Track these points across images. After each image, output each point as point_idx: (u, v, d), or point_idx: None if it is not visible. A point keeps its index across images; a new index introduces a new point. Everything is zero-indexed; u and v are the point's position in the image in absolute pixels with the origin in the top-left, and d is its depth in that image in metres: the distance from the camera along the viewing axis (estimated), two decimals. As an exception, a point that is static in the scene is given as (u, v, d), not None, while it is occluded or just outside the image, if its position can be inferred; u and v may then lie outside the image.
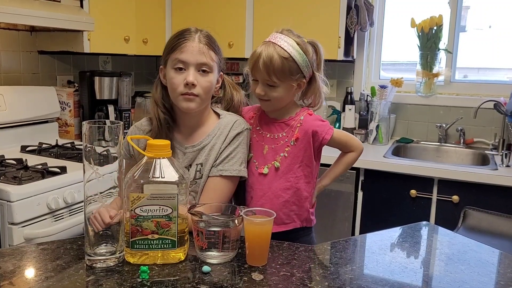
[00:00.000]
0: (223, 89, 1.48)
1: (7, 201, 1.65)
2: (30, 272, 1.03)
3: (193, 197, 1.37)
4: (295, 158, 1.41)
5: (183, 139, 1.40)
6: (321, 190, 1.52)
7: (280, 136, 1.43)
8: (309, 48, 1.37)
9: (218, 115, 1.43)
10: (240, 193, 1.47)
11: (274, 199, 1.41)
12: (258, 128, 1.46)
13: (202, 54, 1.31)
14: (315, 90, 1.42)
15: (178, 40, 1.32)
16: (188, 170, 1.37)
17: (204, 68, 1.32)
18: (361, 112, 2.80)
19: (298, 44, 1.35)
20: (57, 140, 2.40)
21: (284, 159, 1.41)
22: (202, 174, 1.37)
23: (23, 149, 2.24)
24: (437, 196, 2.19)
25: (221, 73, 1.42)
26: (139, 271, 1.01)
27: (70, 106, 2.58)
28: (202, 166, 1.37)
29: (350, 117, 2.79)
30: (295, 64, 1.34)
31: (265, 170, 1.41)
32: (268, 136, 1.44)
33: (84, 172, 1.04)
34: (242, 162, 1.38)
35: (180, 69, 1.31)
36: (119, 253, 1.08)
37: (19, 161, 1.98)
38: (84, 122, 1.03)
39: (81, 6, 2.32)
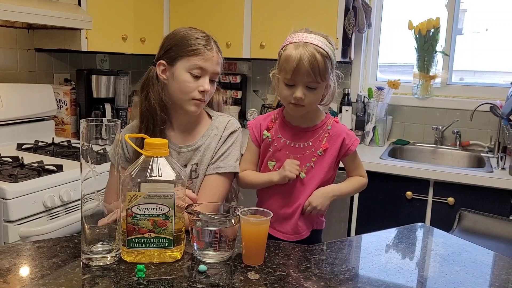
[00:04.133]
0: None
1: (3, 198, 1.65)
2: (25, 270, 1.03)
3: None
4: (321, 169, 1.37)
5: (177, 139, 1.40)
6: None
7: (306, 145, 1.38)
8: (332, 42, 1.33)
9: (209, 115, 1.44)
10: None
11: (297, 208, 1.39)
12: (279, 136, 1.40)
13: (218, 65, 1.35)
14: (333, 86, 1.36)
15: (199, 45, 1.30)
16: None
17: (214, 78, 1.35)
18: (358, 114, 2.80)
19: (327, 40, 1.30)
20: (53, 138, 2.39)
21: (310, 169, 1.37)
22: (198, 174, 1.37)
23: (19, 147, 2.23)
24: (433, 198, 2.20)
25: None
26: (136, 270, 1.01)
27: (66, 104, 2.58)
28: (197, 166, 1.38)
29: (347, 119, 2.80)
30: (330, 61, 1.29)
31: None
32: (292, 145, 1.38)
33: (81, 170, 1.04)
34: (237, 159, 1.39)
35: (197, 75, 1.31)
36: (116, 251, 1.08)
37: (15, 158, 1.97)
38: (81, 120, 1.03)
39: (79, 4, 2.32)
